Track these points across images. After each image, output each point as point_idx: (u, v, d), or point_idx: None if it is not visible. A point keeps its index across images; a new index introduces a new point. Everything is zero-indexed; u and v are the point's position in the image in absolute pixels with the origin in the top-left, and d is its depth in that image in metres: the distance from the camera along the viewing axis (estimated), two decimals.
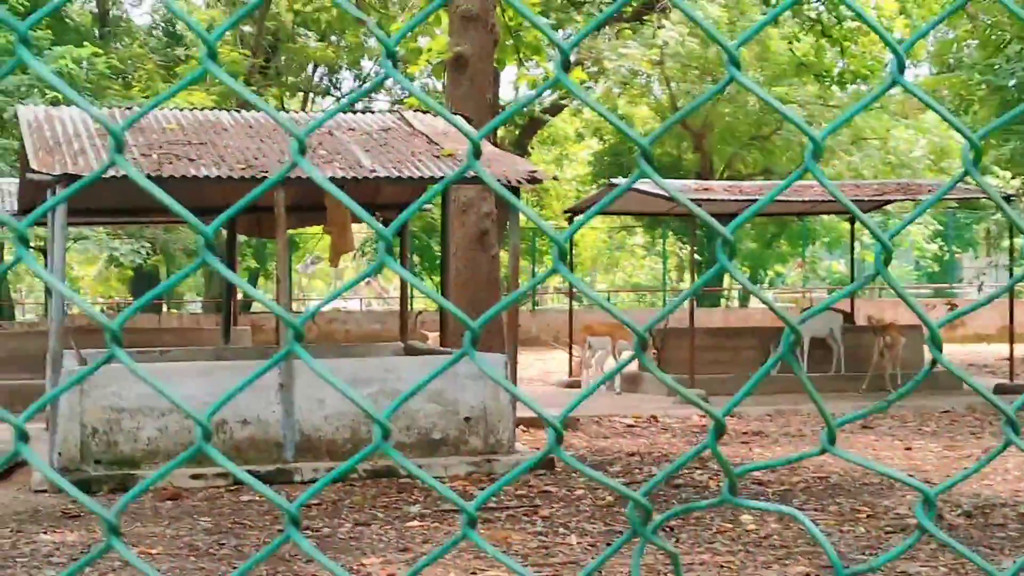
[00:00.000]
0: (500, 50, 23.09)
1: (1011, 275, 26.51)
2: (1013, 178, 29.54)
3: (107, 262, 40.30)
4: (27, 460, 1.39)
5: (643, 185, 23.43)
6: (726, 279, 55.75)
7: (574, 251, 27.77)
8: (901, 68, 1.79)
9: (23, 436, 1.52)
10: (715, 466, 15.07)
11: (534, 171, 15.38)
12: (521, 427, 16.70)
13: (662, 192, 22.34)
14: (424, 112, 18.34)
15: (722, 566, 9.91)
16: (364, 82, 53.25)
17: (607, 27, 40.79)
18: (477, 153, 1.57)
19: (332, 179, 14.76)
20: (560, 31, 40.77)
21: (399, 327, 19.68)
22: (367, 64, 52.59)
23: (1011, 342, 23.57)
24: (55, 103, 22.11)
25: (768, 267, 56.89)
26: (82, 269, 53.57)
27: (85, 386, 13.64)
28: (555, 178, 50.16)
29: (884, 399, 1.87)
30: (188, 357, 16.95)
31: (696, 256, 50.06)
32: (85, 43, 36.12)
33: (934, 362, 1.76)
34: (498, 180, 14.86)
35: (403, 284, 20.36)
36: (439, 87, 45.23)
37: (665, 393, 22.18)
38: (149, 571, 1.48)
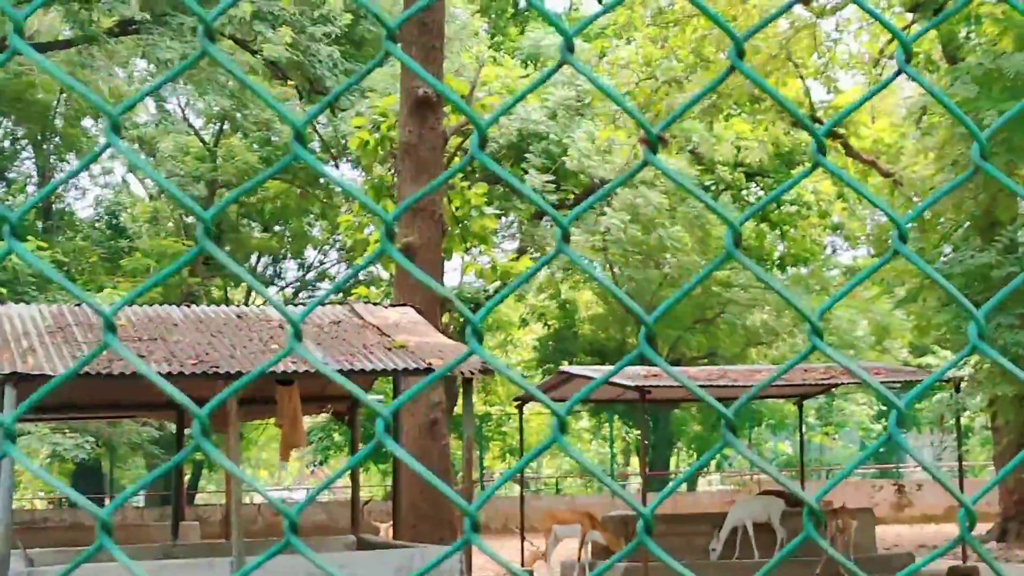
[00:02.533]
0: (448, 239, 23.28)
1: (959, 455, 26.64)
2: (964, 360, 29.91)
3: (49, 457, 39.82)
4: None
5: (592, 373, 23.52)
6: (672, 462, 55.73)
7: (522, 436, 27.66)
8: (908, 57, 1.79)
9: None
10: None
11: (485, 362, 15.40)
12: None
13: (608, 381, 22.39)
14: (375, 304, 18.40)
15: None
16: (308, 270, 53.46)
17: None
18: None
19: (284, 372, 14.74)
20: (503, 218, 41.20)
21: (350, 518, 19.50)
22: (310, 253, 52.84)
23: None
24: (0, 300, 22.03)
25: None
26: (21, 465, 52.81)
27: None
28: (506, 363, 50.16)
29: None
30: (137, 555, 16.69)
31: (644, 441, 50.13)
32: (29, 237, 36.17)
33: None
34: (452, 373, 14.86)
35: (353, 475, 20.20)
36: (384, 275, 45.48)
37: None
38: (136, 569, 1.43)
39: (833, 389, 32.42)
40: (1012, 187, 2.00)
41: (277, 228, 50.49)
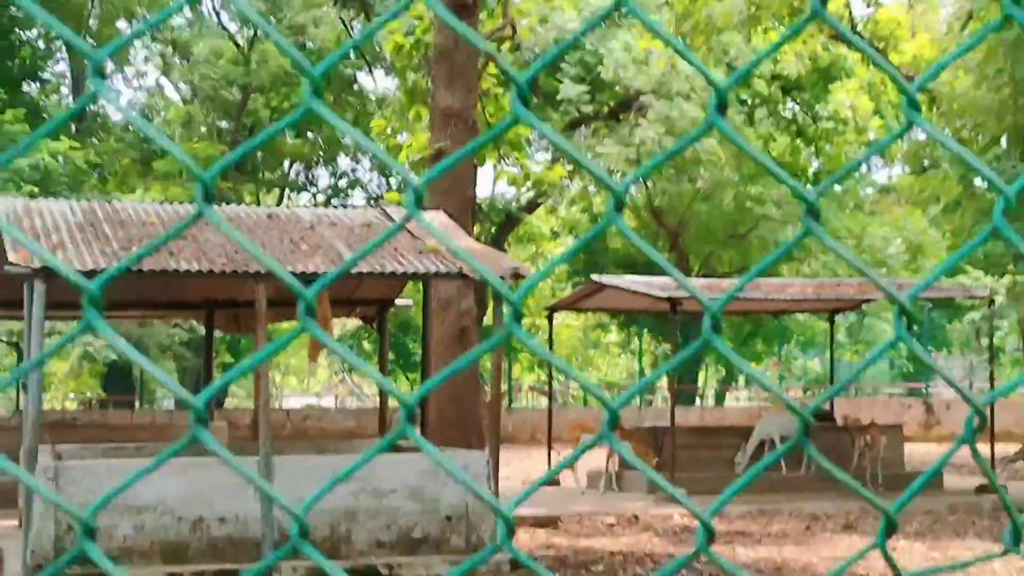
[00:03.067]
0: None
1: (991, 374, 26.48)
2: (1001, 277, 29.64)
3: (80, 358, 39.96)
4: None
5: (622, 282, 23.41)
6: (700, 377, 55.70)
7: (551, 346, 27.63)
8: (915, 107, 1.66)
9: None
10: (699, 566, 14.89)
11: (517, 267, 15.29)
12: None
13: (639, 289, 22.29)
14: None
15: None
16: (340, 177, 53.32)
17: (583, 125, 40.94)
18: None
19: (314, 274, 14.66)
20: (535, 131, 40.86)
21: (378, 424, 19.49)
22: (343, 160, 52.69)
23: (992, 441, 23.49)
24: (32, 196, 21.98)
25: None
26: (54, 364, 53.18)
27: (60, 482, 13.41)
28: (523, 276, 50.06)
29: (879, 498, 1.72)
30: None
31: (672, 353, 50.01)
32: (63, 137, 36.08)
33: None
34: (482, 280, 14.76)
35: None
36: (415, 181, 45.32)
37: (645, 491, 21.99)
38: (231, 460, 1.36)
39: (864, 306, 32.24)
40: None
41: (310, 135, 50.35)
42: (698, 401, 53.13)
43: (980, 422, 1.51)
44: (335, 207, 21.16)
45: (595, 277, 24.60)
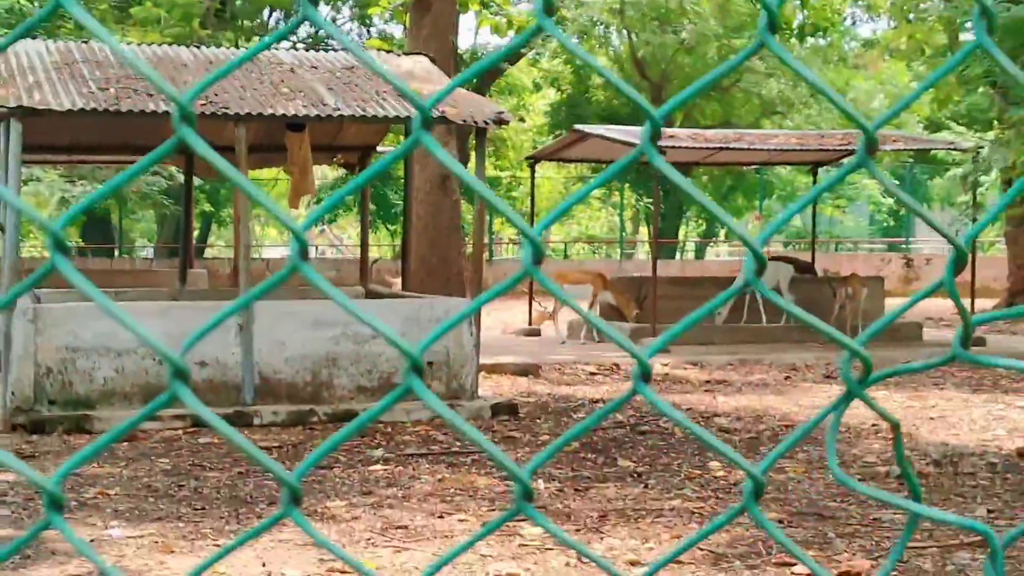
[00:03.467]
0: None
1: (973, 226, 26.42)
2: (976, 133, 29.48)
3: (59, 205, 39.72)
4: None
5: (607, 131, 23.21)
6: (680, 231, 55.64)
7: (533, 197, 27.47)
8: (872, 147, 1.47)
9: None
10: (680, 413, 14.91)
11: (501, 112, 15.10)
12: (483, 373, 16.48)
13: (622, 138, 22.10)
14: (388, 52, 18.03)
15: (693, 512, 9.75)
16: (319, 27, 52.60)
17: None
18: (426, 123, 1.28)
19: (294, 116, 14.46)
20: None
21: (359, 273, 19.42)
22: (324, 8, 51.98)
23: (972, 296, 23.53)
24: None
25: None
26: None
27: (40, 324, 13.34)
28: (521, 119, 49.79)
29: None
30: (144, 298, 16.64)
31: (657, 205, 49.90)
32: None
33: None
34: (464, 121, 14.58)
35: (363, 230, 20.04)
36: (397, 34, 44.79)
37: None
38: (91, 554, 1.24)
39: (846, 160, 31.97)
40: None
41: None
42: (678, 255, 53.12)
43: (960, 263, 1.40)
44: (320, 50, 20.84)
45: (577, 127, 24.39)
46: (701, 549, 8.44)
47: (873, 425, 14.03)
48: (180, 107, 1.20)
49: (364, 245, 19.78)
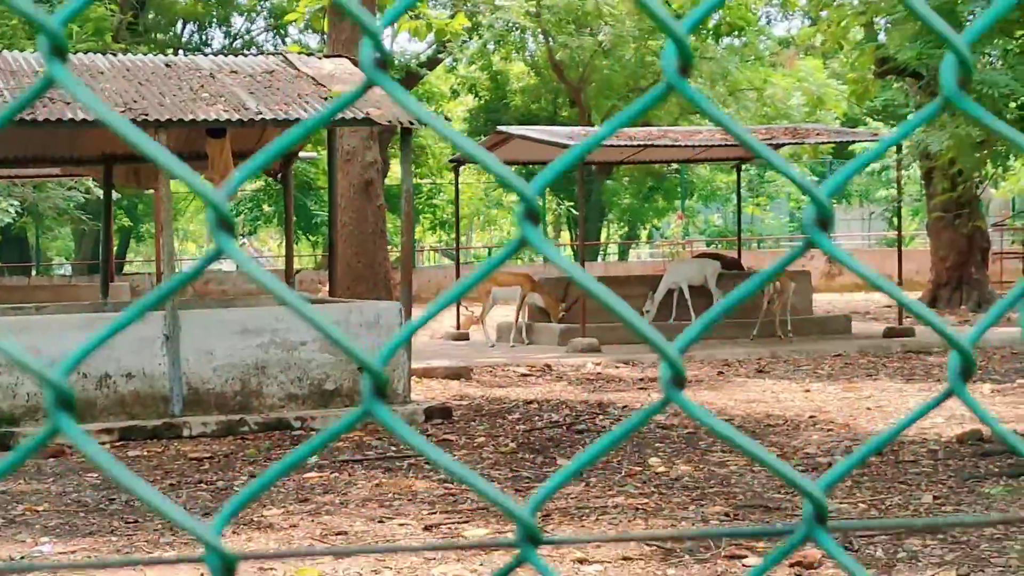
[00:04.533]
0: None
1: (897, 225, 26.56)
2: (893, 127, 29.64)
3: None
4: None
5: (530, 132, 23.07)
6: (602, 234, 55.67)
7: (457, 199, 27.29)
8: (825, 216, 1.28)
9: None
10: (615, 411, 14.81)
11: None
12: (415, 377, 16.27)
13: (544, 138, 21.98)
14: (309, 55, 17.80)
15: (638, 508, 9.61)
16: (235, 39, 52.25)
17: None
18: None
19: (215, 121, 14.20)
20: None
21: (284, 279, 19.16)
22: (237, 20, 51.58)
23: (899, 285, 23.59)
24: None
25: (647, 221, 56.88)
26: None
27: None
28: (447, 118, 49.61)
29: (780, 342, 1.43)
30: (65, 312, 16.29)
31: (574, 211, 49.92)
32: None
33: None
34: (389, 121, 14.37)
35: (288, 240, 19.79)
36: (312, 44, 44.44)
37: (556, 343, 21.89)
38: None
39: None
40: None
41: None
42: (600, 257, 53.09)
43: (822, 217, 1.21)
44: (239, 55, 20.67)
45: (501, 127, 24.23)
46: (649, 545, 8.30)
47: (811, 417, 13.97)
48: (50, 36, 1.00)
49: (289, 252, 19.54)
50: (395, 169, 43.78)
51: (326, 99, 14.86)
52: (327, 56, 18.09)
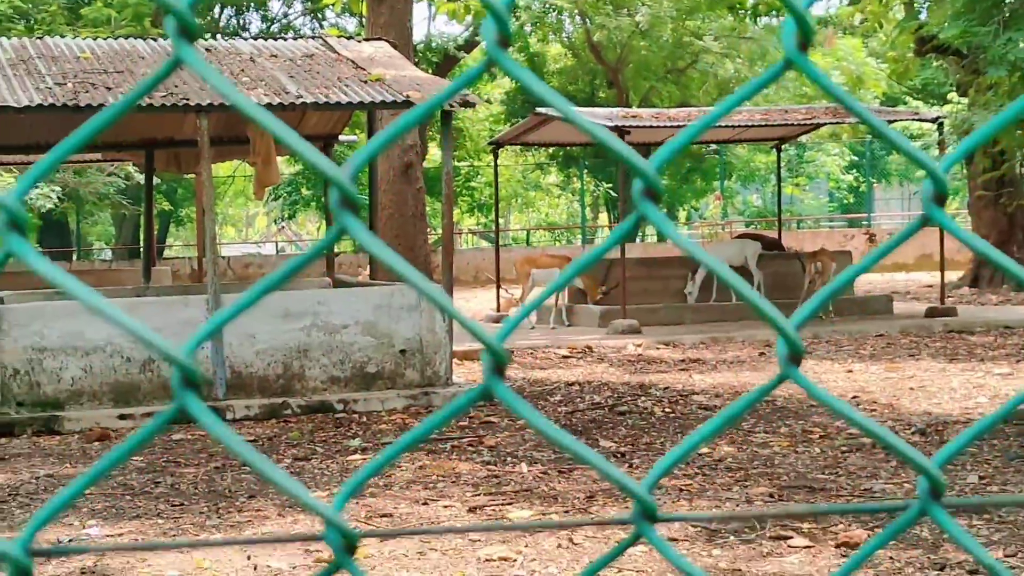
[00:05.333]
0: None
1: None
2: (932, 106, 29.52)
3: None
4: None
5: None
6: None
7: (497, 182, 27.28)
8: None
9: None
10: (658, 392, 14.79)
11: (466, 95, 14.89)
12: (456, 359, 16.28)
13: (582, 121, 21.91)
14: (348, 38, 17.81)
15: (681, 489, 9.60)
16: (272, 23, 52.31)
17: None
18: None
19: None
20: None
21: (325, 265, 19.24)
22: (275, 4, 51.66)
23: (942, 268, 23.51)
24: None
25: (685, 202, 56.74)
26: None
27: (4, 326, 13.08)
28: (488, 101, 49.59)
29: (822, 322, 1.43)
30: (108, 296, 16.36)
31: (613, 193, 49.87)
32: None
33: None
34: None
35: (328, 224, 19.82)
36: (350, 27, 44.51)
37: (596, 325, 21.88)
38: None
39: (805, 138, 32.00)
40: None
41: None
42: (638, 239, 52.99)
43: (940, 193, 1.20)
44: (279, 39, 20.73)
45: (539, 110, 24.20)
46: (694, 526, 8.29)
47: (853, 398, 13.92)
48: (179, 17, 1.01)
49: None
50: (434, 152, 43.82)
51: (365, 82, 14.86)
52: (366, 39, 18.11)
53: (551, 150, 47.17)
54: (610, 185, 49.67)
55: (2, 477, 10.79)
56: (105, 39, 17.21)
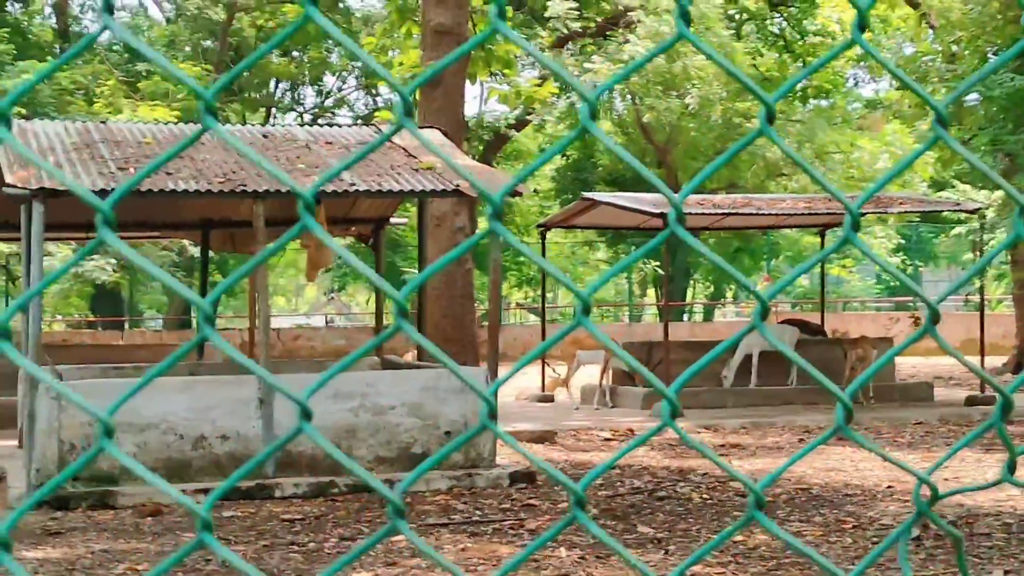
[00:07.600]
0: (471, 64, 23.05)
1: (980, 288, 26.62)
2: (980, 189, 29.79)
3: (71, 279, 39.98)
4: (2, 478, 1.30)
5: (617, 199, 23.44)
6: (688, 294, 55.83)
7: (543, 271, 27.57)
8: (943, 123, 1.77)
9: None
10: (696, 478, 15.06)
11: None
12: (499, 441, 16.61)
13: (630, 205, 22.33)
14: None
15: None
16: (327, 97, 53.08)
17: (571, 42, 40.80)
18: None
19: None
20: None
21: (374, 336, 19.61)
22: (329, 79, 52.47)
23: (982, 353, 23.63)
24: (26, 118, 21.93)
25: (731, 282, 56.99)
26: None
27: (63, 401, 13.50)
28: (536, 191, 50.02)
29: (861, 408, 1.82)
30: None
31: (660, 271, 50.14)
32: (48, 58, 35.93)
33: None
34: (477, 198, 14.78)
35: (378, 298, 20.25)
36: None
37: (639, 407, 22.15)
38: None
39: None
40: None
41: (295, 54, 50.10)
42: (686, 317, 53.27)
43: (934, 316, 1.59)
44: (327, 125, 21.21)
45: (586, 194, 24.62)
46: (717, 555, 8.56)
47: (888, 487, 14.15)
48: (206, 103, 1.40)
49: (379, 309, 19.97)
50: (484, 226, 44.25)
51: (417, 170, 15.32)
52: (420, 127, 18.57)
53: (598, 233, 47.57)
54: (657, 264, 49.99)
55: (59, 552, 11.16)
56: (166, 124, 17.74)
